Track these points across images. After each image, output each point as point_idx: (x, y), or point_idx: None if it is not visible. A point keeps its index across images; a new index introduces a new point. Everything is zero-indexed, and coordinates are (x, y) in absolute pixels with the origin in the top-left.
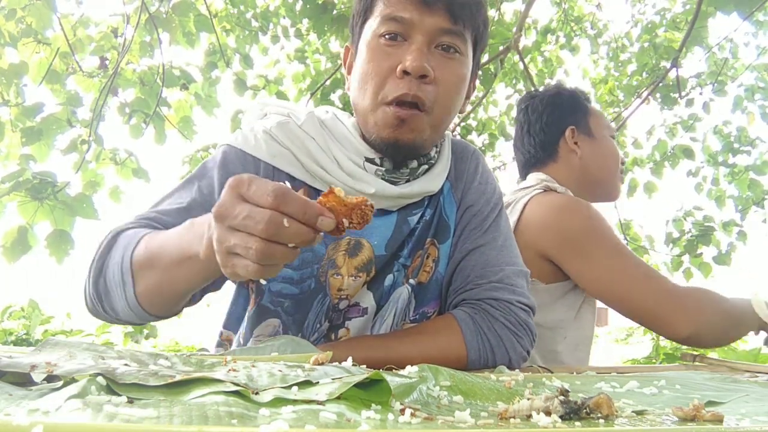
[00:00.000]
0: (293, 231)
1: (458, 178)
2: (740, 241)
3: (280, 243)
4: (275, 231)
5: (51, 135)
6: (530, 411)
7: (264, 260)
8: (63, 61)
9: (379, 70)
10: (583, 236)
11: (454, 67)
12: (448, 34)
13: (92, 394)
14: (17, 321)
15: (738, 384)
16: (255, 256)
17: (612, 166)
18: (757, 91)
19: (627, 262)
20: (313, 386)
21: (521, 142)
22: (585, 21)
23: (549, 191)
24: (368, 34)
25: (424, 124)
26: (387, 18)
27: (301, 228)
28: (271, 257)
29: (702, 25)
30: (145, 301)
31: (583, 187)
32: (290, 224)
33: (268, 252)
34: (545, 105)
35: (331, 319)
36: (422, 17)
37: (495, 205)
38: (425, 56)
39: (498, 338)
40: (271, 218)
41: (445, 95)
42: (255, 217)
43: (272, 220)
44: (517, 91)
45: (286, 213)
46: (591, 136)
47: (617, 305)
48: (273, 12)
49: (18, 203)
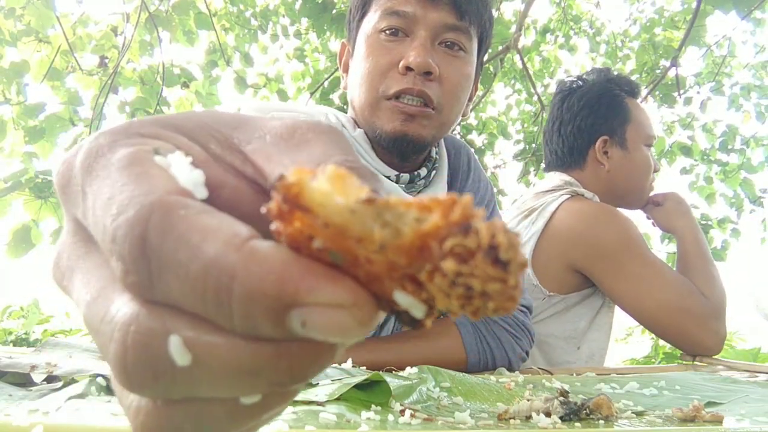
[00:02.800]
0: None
1: (454, 176)
2: (734, 238)
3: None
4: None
5: (54, 133)
6: (530, 412)
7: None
8: (63, 59)
9: (378, 65)
10: (618, 249)
11: (458, 65)
12: (453, 31)
13: (92, 395)
14: (17, 320)
15: (738, 384)
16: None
17: (642, 179)
18: (753, 89)
19: (659, 277)
20: (312, 387)
21: (551, 137)
22: (583, 20)
23: (577, 196)
24: (367, 28)
25: (434, 122)
26: (388, 12)
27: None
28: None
29: (700, 24)
30: None
31: (608, 197)
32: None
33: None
34: (582, 107)
35: None
36: (426, 12)
37: (489, 203)
38: (429, 52)
39: (497, 340)
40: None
41: (450, 94)
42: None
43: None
44: (516, 90)
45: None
46: (624, 148)
47: (648, 323)
48: (272, 11)
49: (23, 201)
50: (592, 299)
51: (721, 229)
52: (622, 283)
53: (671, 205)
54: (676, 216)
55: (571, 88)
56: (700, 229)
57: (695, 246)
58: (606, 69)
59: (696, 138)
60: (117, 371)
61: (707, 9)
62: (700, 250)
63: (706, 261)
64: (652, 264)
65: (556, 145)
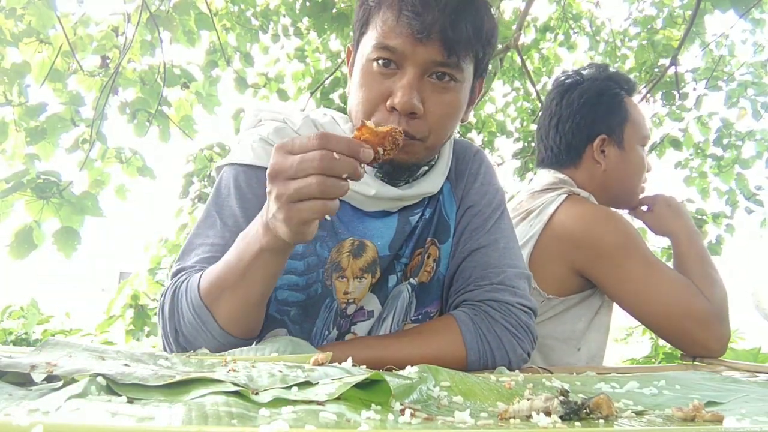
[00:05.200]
0: (344, 162)
1: (459, 178)
2: (728, 233)
3: (334, 176)
4: (329, 165)
5: (55, 134)
6: (530, 411)
7: (326, 193)
8: (65, 60)
9: (370, 97)
10: (619, 251)
11: (447, 98)
12: (442, 66)
13: (92, 395)
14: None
15: (738, 384)
16: (318, 190)
17: (636, 179)
18: (750, 86)
19: (662, 279)
20: (312, 387)
21: (546, 134)
22: (583, 18)
23: (573, 196)
24: (364, 52)
25: (419, 149)
26: (379, 45)
27: (349, 159)
28: (332, 189)
29: (699, 22)
30: (230, 326)
31: (601, 196)
32: (340, 157)
33: (328, 183)
34: (582, 104)
35: (339, 326)
36: (414, 48)
37: (497, 206)
38: (414, 91)
39: (498, 340)
40: (323, 155)
41: (438, 126)
42: (308, 160)
43: (324, 156)
44: (514, 89)
45: (333, 149)
46: (621, 147)
47: (651, 325)
48: (273, 10)
49: (25, 202)
50: (591, 300)
51: (716, 224)
52: (624, 285)
53: (660, 209)
54: (667, 219)
55: (570, 83)
56: (695, 231)
57: (691, 248)
58: (604, 65)
59: (689, 130)
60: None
61: (706, 7)
62: (697, 252)
63: (704, 262)
64: (653, 265)
65: (553, 142)
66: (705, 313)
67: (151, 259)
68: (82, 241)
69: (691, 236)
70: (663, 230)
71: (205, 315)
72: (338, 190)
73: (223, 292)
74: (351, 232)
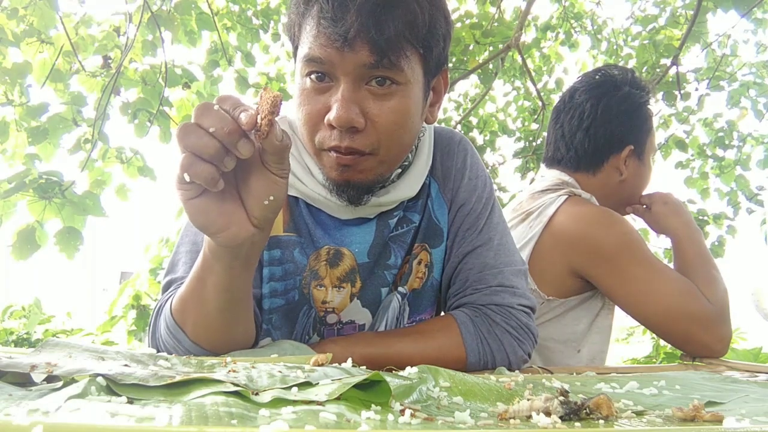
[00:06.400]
0: (217, 115)
1: (446, 176)
2: (729, 235)
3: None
4: (201, 112)
5: (57, 134)
6: (530, 412)
7: (208, 152)
8: (66, 60)
9: (310, 117)
10: (620, 252)
11: (391, 105)
12: (375, 70)
13: (92, 395)
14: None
15: (738, 384)
16: (206, 150)
17: (643, 189)
18: (752, 86)
19: (662, 280)
20: (312, 387)
21: (572, 134)
22: (585, 18)
23: (573, 197)
24: (297, 69)
25: (372, 164)
26: (308, 58)
27: (223, 114)
28: (213, 147)
29: (701, 21)
30: (201, 340)
31: (609, 202)
32: (204, 137)
33: (212, 143)
34: (621, 112)
35: (322, 334)
36: (343, 56)
37: (487, 201)
38: (351, 103)
39: (499, 342)
40: (199, 107)
41: (386, 136)
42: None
43: (200, 107)
44: (515, 88)
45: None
46: (641, 159)
47: (652, 327)
48: (273, 9)
49: (27, 202)
50: (592, 302)
51: (717, 225)
52: (625, 287)
53: (658, 207)
54: (665, 218)
55: (608, 87)
56: (696, 229)
57: (691, 246)
58: (630, 69)
59: (694, 133)
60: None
61: (708, 6)
62: (697, 251)
63: (705, 261)
64: (654, 267)
65: (579, 143)
66: (706, 315)
67: (151, 260)
68: (84, 241)
69: (691, 234)
70: (662, 228)
71: (178, 333)
72: (219, 146)
73: (187, 305)
74: (328, 240)
